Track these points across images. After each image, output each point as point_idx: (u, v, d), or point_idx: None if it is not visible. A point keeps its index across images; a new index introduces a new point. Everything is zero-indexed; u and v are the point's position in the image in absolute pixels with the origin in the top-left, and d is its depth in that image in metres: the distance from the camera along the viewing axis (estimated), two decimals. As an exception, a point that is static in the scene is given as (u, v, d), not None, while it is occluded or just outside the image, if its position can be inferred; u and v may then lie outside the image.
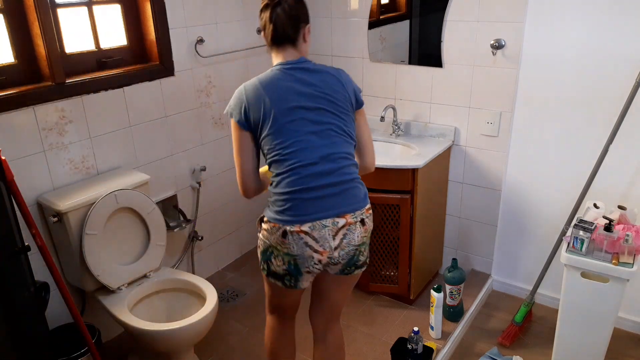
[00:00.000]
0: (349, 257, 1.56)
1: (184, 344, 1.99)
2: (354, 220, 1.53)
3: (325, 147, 1.50)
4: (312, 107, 1.51)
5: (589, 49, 2.11)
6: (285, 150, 1.49)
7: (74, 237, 1.96)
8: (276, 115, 1.49)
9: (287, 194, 1.50)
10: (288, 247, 1.51)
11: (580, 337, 2.05)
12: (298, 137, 1.49)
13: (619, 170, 2.19)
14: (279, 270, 1.56)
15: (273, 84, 1.52)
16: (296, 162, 1.49)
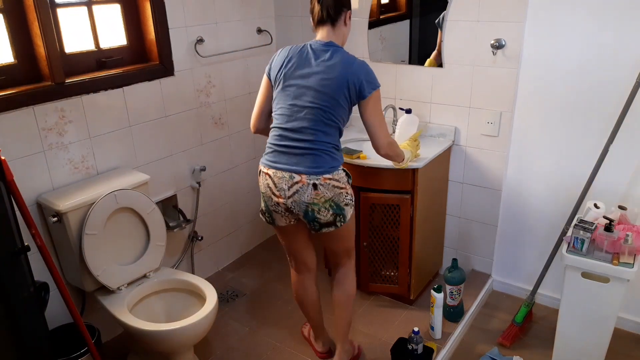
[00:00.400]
0: (302, 210, 1.84)
1: (184, 344, 1.99)
2: (307, 182, 1.79)
3: (304, 121, 1.79)
4: (309, 86, 1.79)
5: (589, 48, 2.11)
6: (277, 110, 1.85)
7: (73, 237, 1.96)
8: (285, 80, 1.82)
9: (270, 144, 1.86)
10: (260, 185, 1.90)
11: (580, 337, 2.05)
12: (285, 104, 1.82)
13: (620, 170, 2.19)
14: (262, 207, 1.94)
15: (300, 55, 1.83)
16: (279, 122, 1.84)
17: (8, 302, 1.38)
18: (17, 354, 1.43)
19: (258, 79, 2.91)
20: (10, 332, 1.40)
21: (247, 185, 3.03)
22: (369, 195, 2.37)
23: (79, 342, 1.93)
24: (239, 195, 3.00)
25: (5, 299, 1.36)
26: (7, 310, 1.38)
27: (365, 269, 2.55)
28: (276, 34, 2.96)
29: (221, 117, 2.74)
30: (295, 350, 2.33)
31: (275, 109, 1.86)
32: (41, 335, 1.52)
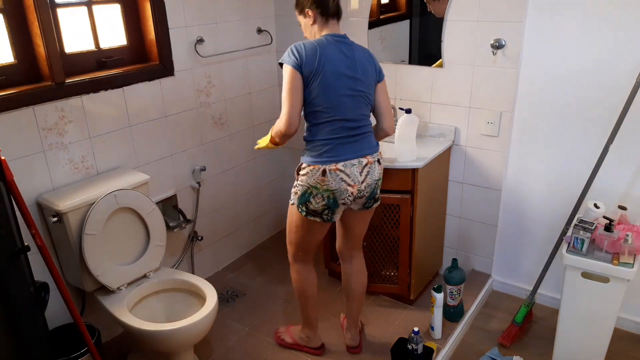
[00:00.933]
0: (371, 189, 1.95)
1: (184, 344, 1.99)
2: (373, 160, 1.92)
3: (355, 109, 1.88)
4: (350, 76, 1.85)
5: (589, 48, 2.11)
6: (326, 104, 1.84)
7: (73, 237, 1.96)
8: (325, 74, 1.82)
9: (326, 140, 1.86)
10: (327, 184, 1.86)
11: (580, 337, 2.05)
12: (337, 97, 1.84)
13: (620, 170, 2.19)
14: (317, 207, 1.90)
15: (327, 48, 1.84)
16: (333, 115, 1.85)
17: (8, 302, 1.37)
18: (17, 354, 1.43)
19: (258, 79, 2.93)
20: (10, 332, 1.40)
21: (247, 185, 3.04)
22: (369, 195, 2.37)
23: (79, 342, 1.93)
24: (239, 195, 3.00)
25: (5, 299, 1.36)
26: (7, 310, 1.38)
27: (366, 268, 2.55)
28: (276, 34, 2.96)
29: (221, 117, 2.74)
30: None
31: (319, 102, 1.83)
32: (41, 335, 1.52)
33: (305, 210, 1.92)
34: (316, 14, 1.88)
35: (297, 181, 1.92)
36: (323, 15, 1.88)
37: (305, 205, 1.91)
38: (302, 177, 1.89)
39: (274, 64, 3.02)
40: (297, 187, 1.93)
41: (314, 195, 1.88)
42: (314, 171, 1.86)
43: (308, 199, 1.89)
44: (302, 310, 2.24)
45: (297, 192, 1.92)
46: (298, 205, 1.93)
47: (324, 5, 1.88)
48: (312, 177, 1.86)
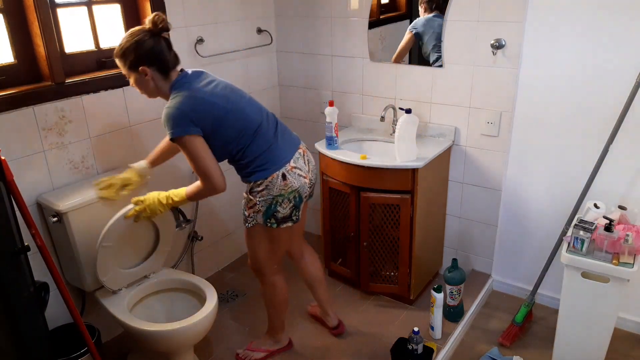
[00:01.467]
0: (315, 175, 2.01)
1: (184, 344, 1.99)
2: (304, 147, 1.98)
3: (257, 111, 1.90)
4: (231, 91, 1.87)
5: (589, 48, 2.11)
6: (239, 128, 1.83)
7: (73, 237, 1.96)
8: (219, 111, 1.80)
9: (265, 149, 1.85)
10: (291, 185, 1.86)
11: (580, 337, 2.05)
12: (240, 116, 1.85)
13: (620, 170, 2.19)
14: (286, 212, 1.89)
15: (199, 92, 1.77)
16: (250, 129, 1.85)
17: (8, 302, 1.37)
18: (17, 354, 1.43)
19: (258, 79, 2.93)
20: (10, 332, 1.40)
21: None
22: (369, 195, 2.37)
23: (79, 342, 1.93)
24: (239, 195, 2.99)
25: (5, 299, 1.36)
26: (7, 310, 1.38)
27: (365, 269, 2.55)
28: (276, 34, 2.96)
29: (221, 117, 2.74)
30: (295, 349, 2.33)
31: (232, 133, 1.81)
32: (41, 335, 1.52)
33: (276, 222, 1.89)
34: (153, 71, 1.74)
35: (256, 199, 1.87)
36: (163, 72, 1.75)
37: (273, 217, 1.88)
38: (262, 193, 1.85)
39: (274, 64, 3.02)
40: (256, 205, 1.87)
41: (280, 203, 1.86)
42: (274, 180, 1.83)
43: (275, 209, 1.87)
44: (277, 318, 2.24)
45: (260, 209, 1.87)
46: (265, 221, 1.89)
47: (160, 60, 1.73)
48: (274, 188, 1.84)
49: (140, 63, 1.71)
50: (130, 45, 1.70)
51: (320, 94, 2.94)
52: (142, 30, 1.71)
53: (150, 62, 1.72)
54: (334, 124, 2.46)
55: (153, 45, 1.71)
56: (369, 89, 2.75)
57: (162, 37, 1.73)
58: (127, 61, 1.73)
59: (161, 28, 1.71)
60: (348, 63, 2.76)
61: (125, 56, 1.72)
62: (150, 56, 1.71)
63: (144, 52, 1.70)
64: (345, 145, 2.56)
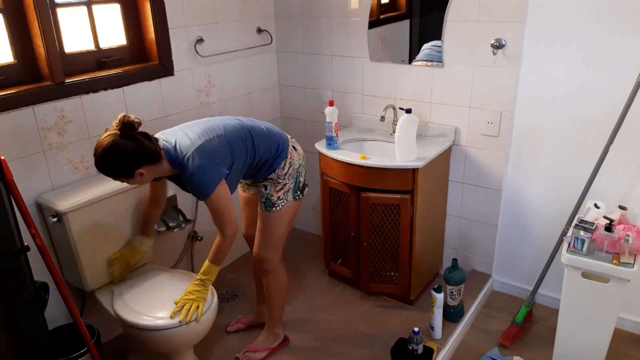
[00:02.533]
0: None
1: (184, 344, 1.98)
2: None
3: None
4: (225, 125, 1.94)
5: (589, 48, 2.11)
6: (248, 145, 1.91)
7: (73, 237, 1.95)
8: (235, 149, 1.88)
9: (273, 141, 1.95)
10: (300, 152, 2.05)
11: (580, 337, 2.05)
12: (245, 142, 1.92)
13: (620, 170, 2.19)
14: (303, 179, 2.06)
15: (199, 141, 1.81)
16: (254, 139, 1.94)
17: (8, 302, 1.37)
18: (17, 354, 1.43)
19: (258, 79, 2.93)
20: (10, 332, 1.40)
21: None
22: (369, 195, 2.37)
23: (79, 342, 1.93)
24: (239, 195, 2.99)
25: (5, 299, 1.36)
26: (7, 310, 1.38)
27: (366, 269, 2.55)
28: (276, 34, 2.96)
29: (221, 117, 2.74)
30: (295, 349, 2.33)
31: (242, 141, 1.87)
32: (41, 335, 1.52)
33: (301, 192, 2.05)
34: (147, 167, 1.70)
35: (284, 181, 1.98)
36: (155, 162, 1.72)
37: (298, 188, 2.03)
38: (288, 172, 1.98)
39: (274, 64, 3.02)
40: (286, 185, 1.99)
41: (301, 172, 2.04)
42: (292, 155, 1.99)
43: (299, 180, 2.03)
44: (280, 309, 2.26)
45: (290, 187, 2.00)
46: (294, 195, 2.02)
47: (149, 155, 1.68)
48: (294, 161, 1.99)
49: (133, 169, 1.67)
50: (115, 161, 1.65)
51: (320, 94, 2.94)
52: (114, 141, 1.62)
53: (141, 163, 1.68)
54: (334, 124, 2.46)
55: (136, 148, 1.64)
56: (369, 88, 2.75)
57: (136, 133, 1.66)
58: (119, 175, 1.70)
59: (131, 127, 1.64)
60: (348, 63, 2.76)
61: (113, 170, 1.68)
62: (140, 158, 1.67)
63: (132, 158, 1.65)
64: (345, 145, 2.55)
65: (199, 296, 1.88)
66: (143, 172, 1.70)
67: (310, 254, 3.08)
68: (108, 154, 1.63)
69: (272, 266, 2.13)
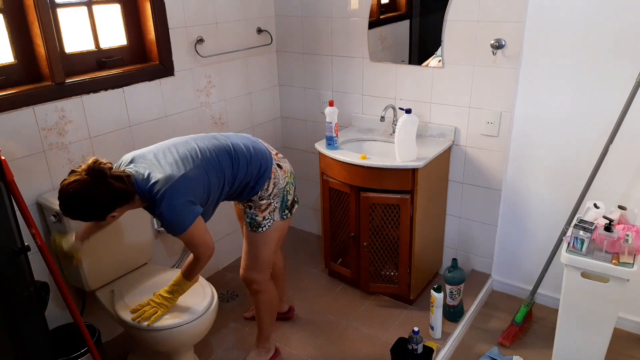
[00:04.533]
0: None
1: (184, 343, 1.99)
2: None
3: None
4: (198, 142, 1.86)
5: (589, 48, 2.11)
6: (228, 171, 1.83)
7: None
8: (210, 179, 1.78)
9: (255, 164, 1.86)
10: (287, 170, 1.95)
11: (580, 337, 2.05)
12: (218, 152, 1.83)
13: (619, 170, 2.19)
14: (292, 196, 1.98)
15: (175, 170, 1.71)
16: (232, 167, 1.85)
17: (8, 302, 1.37)
18: (17, 354, 1.43)
19: (258, 79, 2.93)
20: (10, 332, 1.40)
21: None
22: (369, 195, 2.37)
23: (79, 342, 1.93)
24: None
25: (5, 299, 1.36)
26: (7, 310, 1.38)
27: (366, 269, 2.55)
28: (276, 34, 2.96)
29: (221, 117, 2.74)
30: (295, 349, 2.33)
31: (219, 168, 1.78)
32: (41, 335, 1.52)
33: (288, 210, 1.97)
34: (121, 207, 1.62)
35: (269, 201, 1.89)
36: (129, 200, 1.63)
37: (286, 207, 1.95)
38: (273, 192, 1.89)
39: (274, 64, 3.02)
40: (271, 205, 1.90)
41: (289, 190, 1.95)
42: (276, 174, 1.89)
43: (287, 199, 1.95)
44: (271, 324, 2.20)
45: (275, 206, 1.92)
46: (282, 215, 1.95)
47: (122, 196, 1.59)
48: (279, 181, 1.91)
49: (105, 214, 1.60)
50: (83, 208, 1.56)
51: (320, 94, 2.94)
52: (82, 187, 1.53)
53: (114, 206, 1.60)
54: (334, 124, 2.46)
55: (108, 193, 1.56)
56: (369, 89, 2.75)
57: (108, 177, 1.57)
58: (89, 220, 1.63)
59: (102, 174, 1.55)
60: (348, 63, 2.76)
61: (84, 217, 1.60)
62: (111, 203, 1.59)
63: (103, 205, 1.58)
64: (345, 145, 2.56)
65: (163, 303, 1.88)
66: (115, 214, 1.63)
67: (310, 254, 3.08)
68: (76, 200, 1.54)
69: (261, 287, 2.07)
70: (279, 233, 2.01)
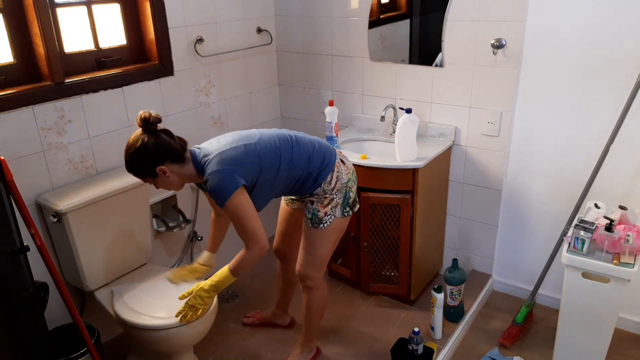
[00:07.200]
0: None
1: (184, 344, 1.98)
2: None
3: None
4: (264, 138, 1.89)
5: (590, 48, 2.11)
6: (285, 158, 1.85)
7: (73, 237, 1.95)
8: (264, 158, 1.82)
9: (317, 155, 1.87)
10: (350, 167, 1.95)
11: (581, 337, 2.05)
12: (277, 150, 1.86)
13: (620, 170, 2.19)
14: (354, 195, 1.96)
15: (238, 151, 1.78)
16: (294, 156, 1.87)
17: (8, 302, 1.37)
18: (17, 354, 1.43)
19: (258, 79, 2.93)
20: (10, 332, 1.40)
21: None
22: (370, 195, 2.37)
23: (78, 342, 1.93)
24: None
25: (5, 299, 1.36)
26: (7, 310, 1.37)
27: (366, 269, 2.55)
28: (276, 34, 2.96)
29: (221, 117, 2.74)
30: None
31: (276, 154, 1.80)
32: (41, 335, 1.52)
33: (349, 208, 1.94)
34: (170, 165, 1.69)
35: (332, 195, 1.88)
36: (178, 161, 1.71)
37: (347, 204, 1.93)
38: (336, 186, 1.88)
39: (274, 64, 3.02)
40: (334, 200, 1.89)
41: (351, 187, 1.93)
42: (339, 168, 1.89)
43: (349, 196, 1.93)
44: (319, 324, 2.19)
45: (338, 202, 1.89)
46: (343, 212, 1.92)
47: (170, 151, 1.68)
48: (342, 176, 1.89)
49: (154, 165, 1.67)
50: (136, 155, 1.66)
51: (320, 94, 2.94)
52: (138, 134, 1.66)
53: (163, 159, 1.68)
54: (334, 124, 2.46)
55: (156, 142, 1.65)
56: (369, 88, 2.75)
57: (158, 130, 1.68)
58: (141, 170, 1.70)
59: (152, 122, 1.65)
60: (348, 63, 2.76)
61: (137, 167, 1.69)
62: (160, 153, 1.67)
63: (152, 153, 1.66)
64: (345, 145, 2.55)
65: (206, 301, 1.84)
66: (166, 170, 1.69)
67: (310, 254, 3.08)
68: (130, 151, 1.66)
69: (316, 284, 2.05)
70: (338, 233, 1.98)
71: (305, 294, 2.10)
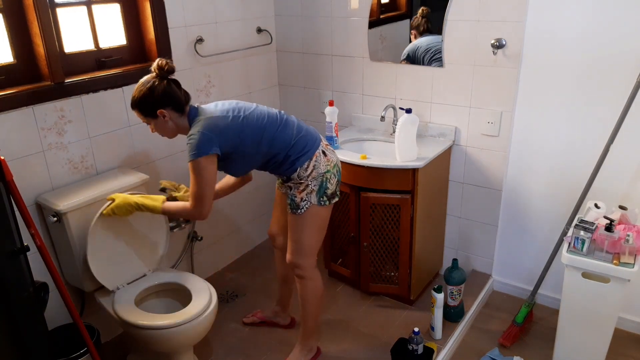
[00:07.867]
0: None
1: (184, 344, 1.98)
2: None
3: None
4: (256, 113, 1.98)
5: (590, 48, 2.11)
6: (265, 136, 1.93)
7: (73, 237, 1.95)
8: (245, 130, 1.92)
9: (298, 137, 1.94)
10: (331, 160, 1.99)
11: (581, 337, 2.05)
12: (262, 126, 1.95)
13: (620, 170, 2.19)
14: (333, 188, 1.99)
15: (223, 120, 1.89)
16: (275, 132, 1.95)
17: (8, 302, 1.37)
18: (17, 354, 1.43)
19: (258, 79, 2.93)
20: (10, 332, 1.40)
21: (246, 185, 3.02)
22: (370, 195, 2.37)
23: (78, 342, 1.93)
24: (239, 195, 2.99)
25: (5, 299, 1.36)
26: (7, 310, 1.37)
27: (366, 269, 2.55)
28: (276, 34, 2.96)
29: (221, 117, 2.73)
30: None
31: (260, 129, 1.89)
32: (41, 335, 1.52)
33: (327, 198, 1.98)
34: (170, 112, 1.84)
35: (307, 181, 1.93)
36: (179, 110, 1.85)
37: (324, 194, 1.97)
38: (312, 174, 1.93)
39: (274, 64, 3.02)
40: (309, 186, 1.94)
41: (329, 179, 1.96)
42: (318, 158, 1.94)
43: (326, 186, 1.96)
44: (316, 318, 2.18)
45: (313, 189, 1.94)
46: (319, 200, 1.96)
47: (174, 100, 1.83)
48: (320, 165, 1.94)
49: (157, 107, 1.81)
50: (144, 94, 1.80)
51: (320, 94, 2.94)
52: (151, 77, 1.81)
53: (166, 104, 1.81)
54: (334, 124, 2.46)
55: (165, 88, 1.80)
56: (369, 88, 2.75)
57: (169, 79, 1.82)
58: (145, 108, 1.82)
59: (167, 71, 1.80)
60: (348, 63, 2.76)
61: (142, 104, 1.82)
62: (165, 98, 1.80)
63: (158, 96, 1.80)
64: (345, 145, 2.55)
65: (124, 211, 1.94)
66: (166, 114, 1.82)
67: (310, 254, 3.08)
68: (140, 87, 1.81)
69: (306, 272, 2.07)
70: (318, 219, 2.01)
71: (298, 284, 2.12)
